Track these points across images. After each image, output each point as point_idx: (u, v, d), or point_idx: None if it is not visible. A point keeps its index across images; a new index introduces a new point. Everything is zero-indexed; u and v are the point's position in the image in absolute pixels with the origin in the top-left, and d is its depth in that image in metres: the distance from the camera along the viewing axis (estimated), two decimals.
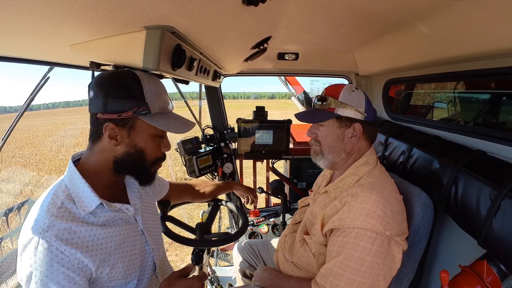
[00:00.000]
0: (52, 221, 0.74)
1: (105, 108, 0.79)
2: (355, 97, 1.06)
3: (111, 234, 0.84)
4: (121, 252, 0.86)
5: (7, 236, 2.65)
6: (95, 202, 0.80)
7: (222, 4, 0.72)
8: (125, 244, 0.88)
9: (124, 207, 0.89)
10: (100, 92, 0.79)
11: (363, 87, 2.29)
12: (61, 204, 0.77)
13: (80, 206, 0.79)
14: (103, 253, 0.81)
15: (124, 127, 0.81)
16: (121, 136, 0.82)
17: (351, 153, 1.11)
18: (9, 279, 2.15)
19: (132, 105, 0.80)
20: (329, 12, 1.06)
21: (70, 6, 0.54)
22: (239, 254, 1.67)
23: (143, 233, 0.96)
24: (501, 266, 0.85)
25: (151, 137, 0.86)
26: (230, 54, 1.51)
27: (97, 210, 0.82)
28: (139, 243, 0.94)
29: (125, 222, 0.90)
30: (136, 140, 0.84)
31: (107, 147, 0.83)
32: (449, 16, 0.96)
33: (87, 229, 0.79)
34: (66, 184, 0.81)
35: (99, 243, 0.81)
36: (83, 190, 0.80)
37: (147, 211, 1.02)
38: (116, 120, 0.80)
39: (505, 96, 1.32)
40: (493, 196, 0.85)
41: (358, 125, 1.06)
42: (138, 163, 0.87)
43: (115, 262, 0.83)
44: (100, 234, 0.81)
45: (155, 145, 0.88)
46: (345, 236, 0.93)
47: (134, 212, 0.93)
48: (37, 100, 1.47)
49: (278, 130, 2.30)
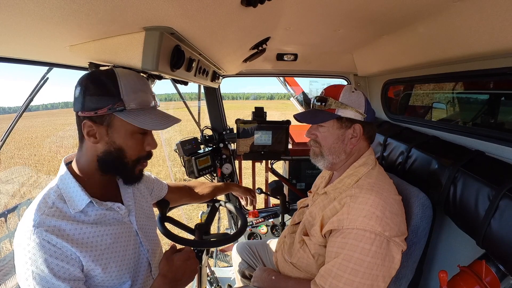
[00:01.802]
0: (43, 218, 0.75)
1: (83, 106, 0.79)
2: (355, 98, 1.06)
3: (102, 233, 0.84)
4: (113, 251, 0.86)
5: (6, 237, 2.65)
6: (85, 200, 0.81)
7: (221, 5, 0.73)
8: (117, 244, 0.88)
9: (115, 205, 0.89)
10: (80, 90, 0.80)
11: (362, 87, 2.29)
12: (52, 204, 0.79)
13: (71, 205, 0.80)
14: (94, 251, 0.81)
15: (101, 124, 0.81)
16: (99, 134, 0.81)
17: (351, 154, 1.11)
18: (8, 280, 2.15)
19: (108, 101, 0.79)
20: (328, 13, 1.07)
21: (69, 8, 0.54)
22: (238, 254, 1.67)
23: (137, 233, 0.96)
24: (500, 266, 0.85)
25: (130, 135, 0.84)
26: (229, 55, 1.51)
27: (87, 208, 0.83)
28: (133, 243, 0.93)
29: (117, 221, 0.90)
30: (115, 137, 0.83)
31: (90, 146, 0.84)
32: (447, 17, 0.96)
33: (77, 227, 0.79)
34: (58, 185, 0.83)
35: (89, 241, 0.81)
36: (73, 189, 0.82)
37: (141, 211, 1.02)
38: (93, 118, 0.80)
39: (503, 97, 1.32)
40: (491, 196, 0.86)
41: (359, 126, 1.06)
42: (119, 162, 0.85)
43: (107, 262, 0.83)
44: (90, 232, 0.82)
45: (135, 142, 0.86)
46: (344, 237, 0.93)
47: (126, 211, 0.93)
48: (36, 100, 1.47)
49: (277, 131, 2.30)
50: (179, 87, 2.02)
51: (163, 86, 13.59)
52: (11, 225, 2.71)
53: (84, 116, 0.80)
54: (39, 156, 11.90)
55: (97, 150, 0.84)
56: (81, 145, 0.85)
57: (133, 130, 0.84)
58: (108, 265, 0.83)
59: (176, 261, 0.88)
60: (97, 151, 0.84)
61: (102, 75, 0.82)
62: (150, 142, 0.90)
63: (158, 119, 0.85)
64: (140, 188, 1.08)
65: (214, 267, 2.49)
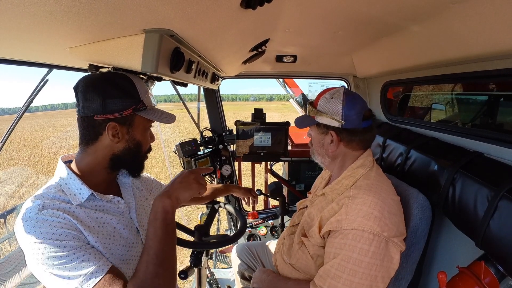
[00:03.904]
0: (46, 203, 0.75)
1: (104, 109, 0.82)
2: (330, 106, 1.07)
3: (105, 220, 0.85)
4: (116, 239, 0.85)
5: (5, 238, 2.65)
6: (86, 193, 0.82)
7: (220, 8, 0.73)
8: (119, 233, 0.87)
9: (115, 199, 0.91)
10: (96, 94, 0.81)
11: (361, 89, 2.30)
12: (52, 196, 0.78)
13: (72, 198, 0.80)
14: (98, 235, 0.80)
15: (124, 124, 0.87)
16: (121, 133, 0.86)
17: (335, 157, 1.13)
18: (7, 282, 2.15)
19: (131, 103, 0.86)
20: (327, 15, 1.07)
21: (69, 10, 0.55)
22: (238, 256, 1.67)
23: (138, 230, 0.96)
24: (499, 267, 0.85)
25: (145, 130, 0.94)
26: (228, 56, 1.51)
27: (88, 202, 0.83)
28: (134, 239, 0.93)
29: (118, 213, 0.91)
30: (135, 134, 0.90)
31: (105, 146, 0.86)
32: (446, 18, 0.97)
33: (81, 211, 0.80)
34: (57, 181, 0.83)
35: (92, 225, 0.80)
36: (74, 184, 0.82)
37: (142, 209, 1.02)
38: (117, 119, 0.84)
39: (502, 98, 1.33)
40: (490, 197, 0.86)
41: (333, 132, 1.08)
42: (136, 156, 0.93)
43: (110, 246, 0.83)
44: (93, 218, 0.82)
45: (147, 137, 0.96)
46: (342, 238, 0.93)
47: (126, 206, 0.94)
48: (36, 102, 1.47)
49: (277, 132, 2.31)
50: (179, 88, 2.02)
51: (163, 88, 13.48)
52: (10, 226, 2.71)
53: (107, 119, 0.83)
54: (39, 157, 11.89)
55: (114, 149, 0.87)
56: (87, 147, 0.86)
57: (146, 126, 0.94)
58: (112, 250, 0.83)
59: (176, 179, 0.91)
60: (114, 149, 0.87)
61: (118, 78, 0.86)
62: (151, 135, 1.01)
63: (166, 115, 0.96)
64: (140, 188, 1.09)
65: (213, 268, 2.49)
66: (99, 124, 0.83)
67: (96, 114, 0.82)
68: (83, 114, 0.83)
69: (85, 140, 0.85)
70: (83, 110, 0.82)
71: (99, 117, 0.82)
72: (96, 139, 0.85)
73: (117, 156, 0.88)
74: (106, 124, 0.83)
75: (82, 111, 0.83)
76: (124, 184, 1.01)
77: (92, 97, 0.81)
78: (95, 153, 0.86)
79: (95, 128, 0.84)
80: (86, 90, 0.82)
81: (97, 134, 0.84)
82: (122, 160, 0.90)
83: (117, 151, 0.88)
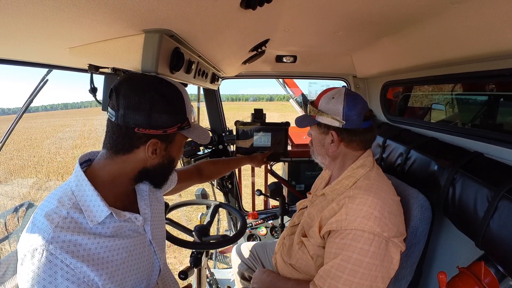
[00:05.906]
0: (57, 232, 0.67)
1: (149, 123, 0.73)
2: (332, 106, 1.07)
3: (119, 246, 0.78)
4: (129, 265, 0.80)
5: (5, 239, 2.65)
6: (104, 212, 0.74)
7: (220, 8, 0.73)
8: (132, 257, 0.82)
9: (133, 216, 0.83)
10: (142, 104, 0.72)
11: (361, 89, 2.30)
12: (66, 214, 0.70)
13: (88, 216, 0.72)
14: (110, 267, 0.74)
15: (165, 141, 0.80)
16: (160, 150, 0.80)
17: (336, 157, 1.12)
18: (7, 282, 2.14)
19: (178, 120, 0.79)
20: (327, 15, 1.07)
21: (69, 10, 0.55)
22: (238, 256, 1.67)
23: (151, 243, 0.91)
24: (499, 267, 0.85)
25: (181, 147, 0.89)
26: (228, 57, 1.51)
27: (105, 220, 0.76)
28: (147, 254, 0.88)
29: (133, 232, 0.85)
30: (172, 151, 0.84)
31: (138, 159, 0.79)
32: (446, 18, 0.97)
33: (94, 242, 0.72)
34: (73, 191, 0.74)
35: (105, 256, 0.74)
36: (92, 198, 0.73)
37: (156, 219, 0.97)
38: (160, 136, 0.77)
39: (502, 98, 1.33)
40: (490, 197, 0.86)
41: (334, 132, 1.08)
42: (167, 171, 0.89)
43: (123, 277, 0.78)
44: (107, 246, 0.75)
45: (181, 152, 0.91)
46: (342, 238, 0.93)
47: (143, 222, 0.88)
48: (36, 102, 1.47)
49: (277, 133, 2.30)
50: None
51: None
52: (10, 226, 2.71)
53: (150, 134, 0.75)
54: (38, 158, 11.90)
55: (147, 163, 0.80)
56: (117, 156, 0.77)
57: (183, 143, 0.89)
58: (124, 281, 0.78)
59: None
60: (147, 164, 0.81)
61: (168, 88, 0.78)
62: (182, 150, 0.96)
63: (202, 132, 0.90)
64: (155, 192, 1.02)
65: (213, 268, 2.49)
66: (139, 137, 0.75)
67: (139, 127, 0.73)
68: (121, 123, 0.73)
69: (116, 148, 0.76)
70: (123, 118, 0.72)
71: (140, 131, 0.73)
72: (131, 151, 0.76)
73: (147, 170, 0.82)
74: (147, 139, 0.75)
75: (121, 119, 0.72)
76: (141, 191, 0.93)
77: (138, 107, 0.72)
78: (124, 163, 0.78)
79: (133, 141, 0.75)
80: (131, 95, 0.72)
81: (132, 147, 0.76)
82: (151, 174, 0.83)
83: (149, 166, 0.81)
